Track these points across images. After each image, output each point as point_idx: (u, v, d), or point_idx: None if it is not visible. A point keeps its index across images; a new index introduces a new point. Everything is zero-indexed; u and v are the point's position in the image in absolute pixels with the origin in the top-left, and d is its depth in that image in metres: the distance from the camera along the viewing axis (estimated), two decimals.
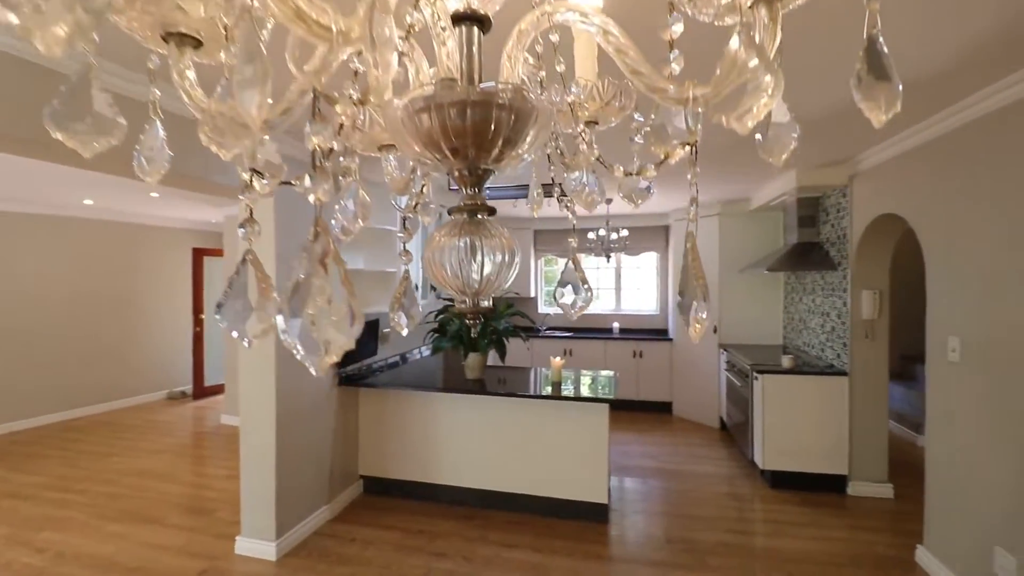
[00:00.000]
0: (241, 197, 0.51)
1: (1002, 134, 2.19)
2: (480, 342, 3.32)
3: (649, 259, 6.70)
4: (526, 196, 3.41)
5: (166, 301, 6.66)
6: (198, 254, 6.92)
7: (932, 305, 2.67)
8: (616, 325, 6.44)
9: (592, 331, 6.51)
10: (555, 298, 0.69)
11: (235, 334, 0.50)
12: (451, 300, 3.50)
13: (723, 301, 5.28)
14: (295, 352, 0.41)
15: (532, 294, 6.67)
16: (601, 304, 6.86)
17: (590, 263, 6.87)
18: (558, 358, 3.44)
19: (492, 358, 5.20)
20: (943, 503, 2.56)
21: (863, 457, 3.57)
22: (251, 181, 0.50)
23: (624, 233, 5.04)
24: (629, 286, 6.81)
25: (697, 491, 3.70)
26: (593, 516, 3.21)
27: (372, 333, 3.65)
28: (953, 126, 2.48)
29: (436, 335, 3.45)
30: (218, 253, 6.91)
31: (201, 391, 6.63)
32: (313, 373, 0.44)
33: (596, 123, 0.71)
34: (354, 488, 3.58)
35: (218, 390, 6.52)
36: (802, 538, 3.00)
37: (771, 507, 3.43)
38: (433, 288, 4.31)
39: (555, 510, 3.27)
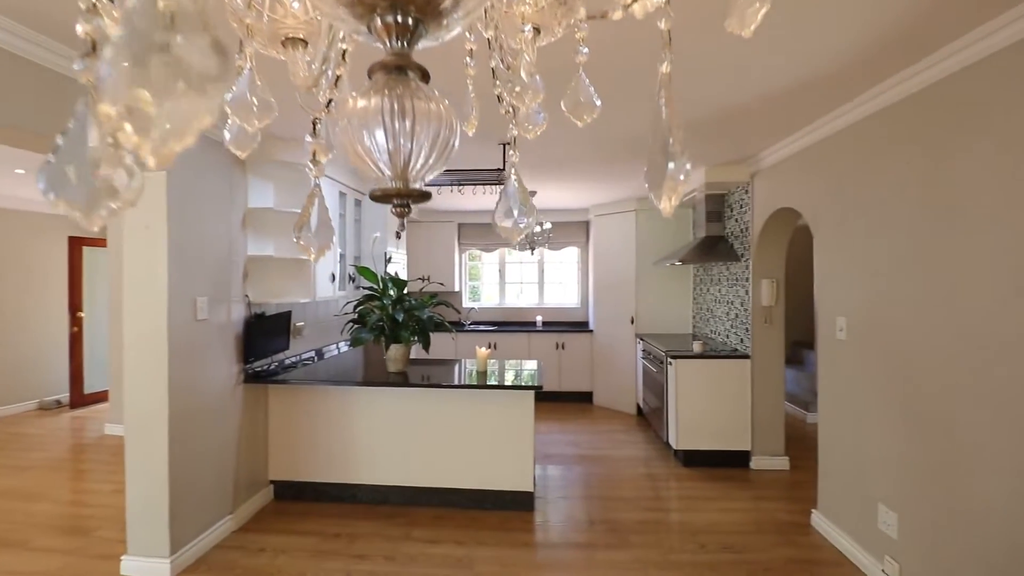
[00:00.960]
0: None
1: (873, 136, 2.45)
2: (402, 333, 3.20)
3: (571, 254, 6.87)
4: (450, 183, 3.33)
5: (36, 298, 5.80)
6: (75, 244, 6.08)
7: (820, 289, 2.94)
8: (539, 319, 6.53)
9: (516, 325, 6.55)
10: (495, 222, 0.64)
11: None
12: (373, 289, 3.35)
13: (639, 293, 5.52)
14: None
15: (456, 288, 6.58)
16: (525, 298, 6.92)
17: (514, 258, 6.92)
18: (483, 348, 3.41)
19: (416, 352, 5.07)
20: (833, 469, 2.83)
21: (763, 433, 3.88)
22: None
23: (548, 226, 5.11)
24: (552, 280, 6.93)
25: (617, 474, 3.82)
26: (519, 505, 3.21)
27: (283, 326, 3.40)
28: (838, 127, 2.74)
29: (355, 326, 3.28)
30: (100, 243, 6.12)
31: (80, 399, 5.86)
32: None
33: (539, 31, 0.65)
34: (264, 494, 3.32)
35: (101, 397, 5.78)
36: (711, 511, 3.19)
37: (684, 484, 3.62)
38: (352, 278, 4.10)
39: (481, 501, 3.23)
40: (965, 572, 1.93)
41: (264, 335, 3.21)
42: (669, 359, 4.05)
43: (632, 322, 5.57)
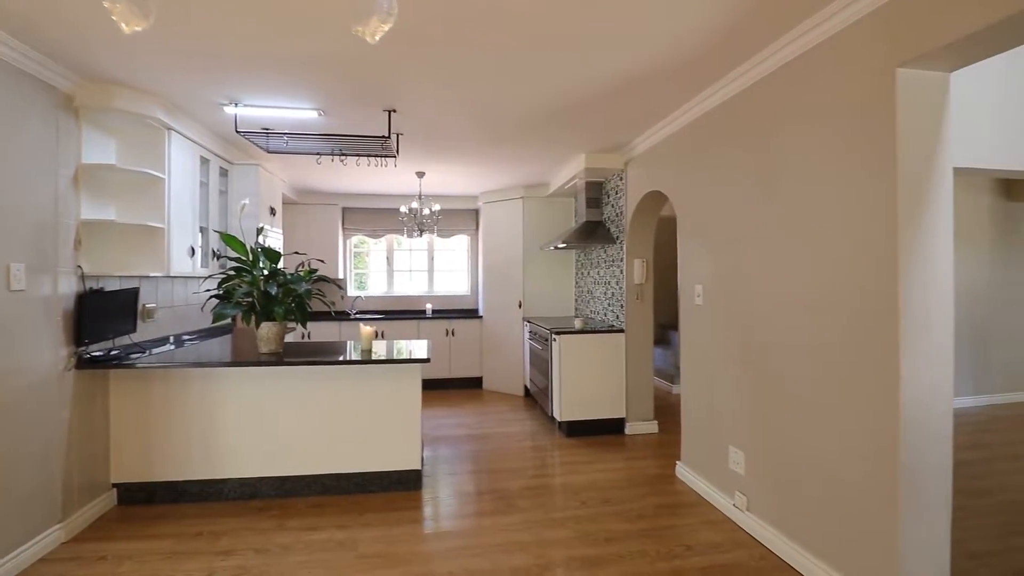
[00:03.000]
0: None
1: (719, 124, 2.78)
2: (276, 309, 2.94)
3: (461, 241, 6.87)
4: (331, 151, 3.16)
5: None
6: None
7: (682, 260, 3.26)
8: (429, 307, 6.44)
9: (405, 313, 6.40)
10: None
11: None
12: (241, 261, 3.04)
13: (527, 278, 5.70)
14: None
15: (340, 275, 6.25)
16: (415, 286, 6.79)
17: (404, 245, 6.75)
18: (368, 327, 3.27)
19: (295, 339, 4.71)
20: (693, 423, 3.16)
21: (636, 401, 4.22)
22: None
23: (436, 208, 5.05)
24: (442, 268, 6.87)
25: (504, 449, 3.90)
26: (407, 484, 3.14)
27: (128, 305, 2.96)
28: (693, 116, 3.06)
29: (219, 302, 2.94)
30: None
31: None
32: None
33: None
34: (105, 499, 2.86)
35: None
36: (591, 472, 3.39)
37: (567, 452, 3.81)
38: (217, 255, 3.70)
39: (366, 485, 3.10)
40: (794, 499, 2.26)
41: (103, 314, 2.76)
42: (553, 336, 4.22)
43: (520, 306, 5.73)
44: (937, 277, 1.80)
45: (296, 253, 3.98)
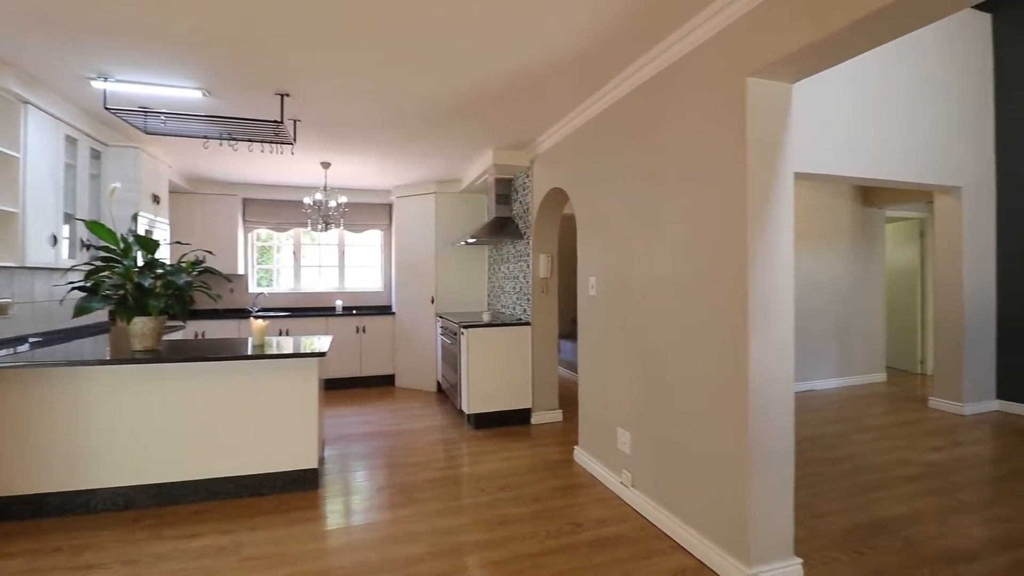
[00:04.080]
0: None
1: (611, 123, 2.94)
2: (151, 303, 2.71)
3: (374, 236, 6.71)
4: (219, 135, 2.99)
5: None
6: None
7: (580, 254, 3.41)
8: (340, 303, 6.23)
9: (314, 310, 6.15)
10: None
11: None
12: (111, 251, 2.77)
13: (440, 274, 5.69)
14: None
15: (240, 271, 5.88)
16: (324, 282, 6.53)
17: (312, 239, 6.47)
18: (260, 321, 3.11)
19: (181, 337, 4.38)
20: (589, 408, 3.31)
21: (541, 391, 4.35)
22: None
23: (343, 200, 4.90)
24: (354, 263, 6.67)
25: (411, 444, 3.88)
26: (302, 484, 3.02)
27: None
28: (590, 116, 3.22)
29: (83, 294, 2.66)
30: None
31: None
32: None
33: None
34: None
35: None
36: (494, 461, 3.46)
37: (473, 444, 3.85)
38: (86, 245, 3.35)
39: (256, 488, 2.95)
40: (670, 473, 2.45)
41: None
42: (462, 329, 4.25)
43: (432, 302, 5.70)
44: (780, 272, 2.02)
45: (179, 243, 3.69)
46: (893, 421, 4.29)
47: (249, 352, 2.92)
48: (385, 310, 6.31)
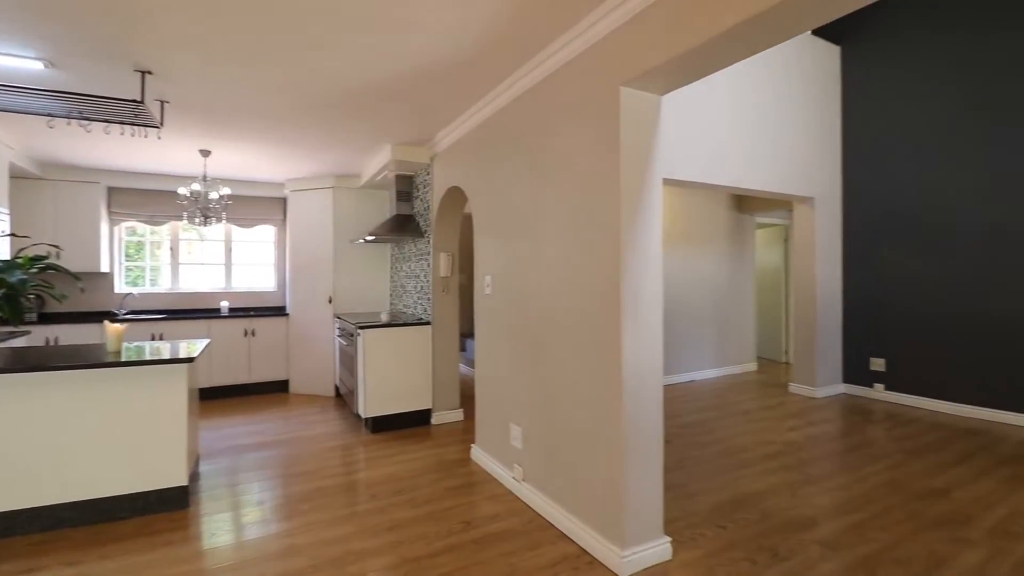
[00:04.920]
0: None
1: (505, 125, 2.99)
2: None
3: (266, 232, 6.27)
4: (67, 113, 2.62)
5: None
6: None
7: (477, 253, 3.42)
8: (226, 304, 5.74)
9: (195, 312, 5.61)
10: None
11: None
12: None
13: (338, 273, 5.44)
14: None
15: (104, 269, 5.21)
16: (208, 281, 5.99)
17: (193, 235, 5.90)
18: (115, 325, 2.77)
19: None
20: (485, 406, 3.33)
21: (442, 391, 4.31)
22: None
23: (226, 191, 4.51)
24: (243, 262, 6.18)
25: (302, 453, 3.67)
26: (169, 504, 2.74)
27: None
28: (485, 116, 3.24)
29: None
30: None
31: None
32: None
33: None
34: None
35: None
36: (389, 465, 3.37)
37: (369, 448, 3.73)
38: None
39: (113, 511, 2.63)
40: (556, 464, 2.53)
41: None
42: (359, 330, 4.10)
43: (330, 302, 5.44)
44: (650, 271, 2.16)
45: (15, 235, 3.19)
46: (760, 405, 4.78)
47: (102, 360, 2.59)
48: (279, 311, 5.92)
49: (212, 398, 5.32)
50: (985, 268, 4.23)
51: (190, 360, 2.69)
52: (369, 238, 4.58)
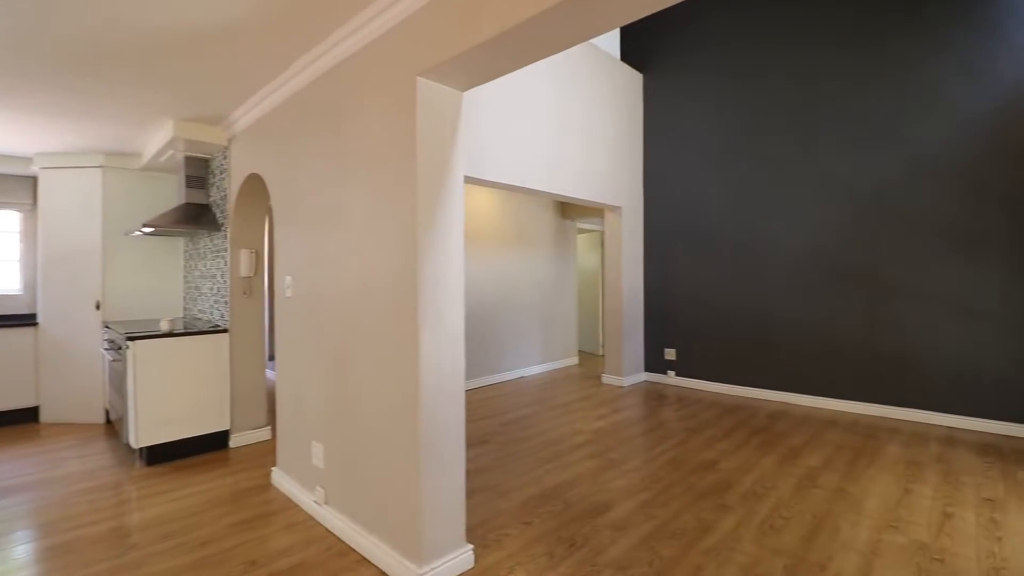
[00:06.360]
0: None
1: (303, 109, 2.69)
2: None
3: (9, 220, 4.89)
4: None
5: None
6: None
7: (277, 251, 3.04)
8: None
9: None
10: None
11: None
12: None
13: (109, 272, 4.47)
14: None
15: None
16: None
17: None
18: None
19: None
20: (287, 423, 2.97)
21: (244, 408, 3.78)
22: None
23: None
24: None
25: (45, 500, 2.88)
26: None
27: None
28: (284, 96, 2.89)
29: None
30: None
31: None
32: None
33: None
34: None
35: None
36: (163, 504, 2.81)
37: (140, 486, 3.08)
38: None
39: None
40: (356, 483, 2.32)
41: None
42: (127, 342, 3.37)
43: (98, 308, 4.44)
44: (450, 272, 2.09)
45: None
46: (576, 397, 5.14)
47: None
48: (26, 319, 4.66)
49: None
50: (737, 271, 5.15)
51: None
52: (147, 230, 3.81)
